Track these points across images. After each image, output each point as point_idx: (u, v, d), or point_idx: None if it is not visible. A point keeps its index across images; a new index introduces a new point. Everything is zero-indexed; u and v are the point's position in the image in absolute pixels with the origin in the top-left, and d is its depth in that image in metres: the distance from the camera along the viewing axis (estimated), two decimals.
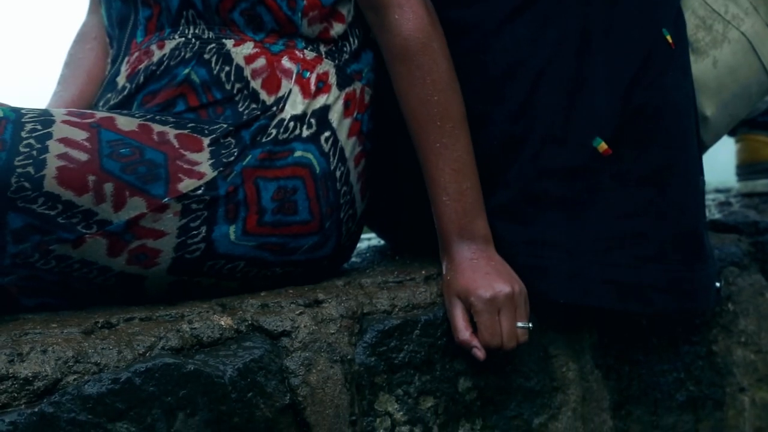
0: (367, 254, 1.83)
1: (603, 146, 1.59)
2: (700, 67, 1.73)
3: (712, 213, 2.16)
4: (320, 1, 1.53)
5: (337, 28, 1.56)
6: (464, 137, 1.53)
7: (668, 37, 1.64)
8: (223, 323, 1.38)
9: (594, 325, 1.69)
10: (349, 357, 1.44)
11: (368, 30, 1.60)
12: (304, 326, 1.42)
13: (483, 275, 1.49)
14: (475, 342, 1.48)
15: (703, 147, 1.79)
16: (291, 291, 1.50)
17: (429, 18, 1.53)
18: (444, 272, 1.53)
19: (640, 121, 1.61)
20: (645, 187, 1.61)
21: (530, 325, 1.51)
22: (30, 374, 1.23)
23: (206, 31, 1.53)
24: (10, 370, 1.22)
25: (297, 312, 1.43)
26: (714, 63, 1.74)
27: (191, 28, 1.53)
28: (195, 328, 1.36)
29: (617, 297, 1.59)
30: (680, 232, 1.62)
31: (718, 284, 1.69)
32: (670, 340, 1.77)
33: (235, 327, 1.39)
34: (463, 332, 1.48)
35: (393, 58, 1.53)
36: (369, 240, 2.00)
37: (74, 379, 1.25)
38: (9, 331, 1.31)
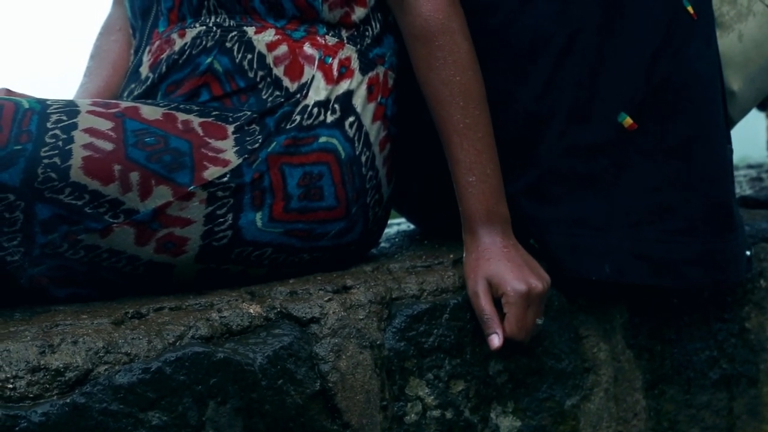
0: (396, 239, 1.83)
1: (628, 121, 1.58)
2: (725, 42, 1.72)
3: (743, 189, 2.15)
4: None
5: (359, 13, 1.55)
6: (486, 118, 1.52)
7: (689, 8, 1.62)
8: (252, 311, 1.39)
9: (624, 305, 1.69)
10: (378, 342, 1.44)
11: (390, 14, 1.59)
12: (333, 312, 1.42)
13: (517, 266, 1.49)
14: (499, 329, 1.47)
15: (731, 122, 1.78)
16: (319, 277, 1.50)
17: (445, 22, 1.52)
18: (468, 253, 1.53)
19: (664, 93, 1.60)
20: (672, 159, 1.60)
21: (542, 321, 1.52)
22: (61, 365, 1.24)
23: (227, 20, 1.53)
24: (42, 362, 1.23)
25: (326, 298, 1.43)
26: (739, 37, 1.72)
27: (212, 17, 1.53)
28: (224, 317, 1.36)
29: (649, 272, 1.58)
30: (710, 204, 1.61)
31: (748, 252, 1.68)
32: (702, 318, 1.76)
33: (264, 315, 1.39)
34: (492, 315, 1.48)
35: (413, 39, 1.53)
36: (398, 225, 1.99)
37: (105, 370, 1.25)
38: (40, 323, 1.32)
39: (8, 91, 1.55)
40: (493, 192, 1.52)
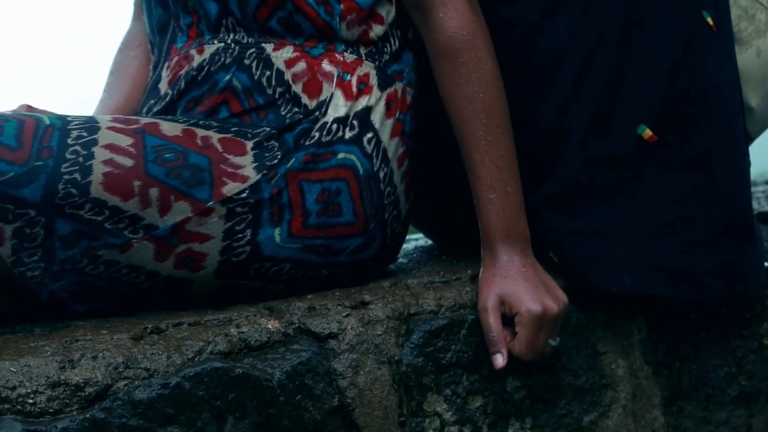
0: (414, 255, 1.83)
1: (648, 133, 1.59)
2: (744, 58, 1.72)
3: (762, 204, 2.14)
4: (357, 4, 1.53)
5: (377, 30, 1.56)
6: (508, 135, 1.52)
7: (709, 20, 1.63)
8: (270, 326, 1.39)
9: (642, 321, 1.68)
10: (396, 358, 1.44)
11: (408, 31, 1.60)
12: (351, 328, 1.42)
13: (533, 287, 1.49)
14: (504, 348, 1.47)
15: (749, 138, 1.78)
16: (337, 293, 1.51)
17: (474, 15, 1.52)
18: (485, 269, 1.52)
19: (683, 105, 1.60)
20: (692, 171, 1.60)
21: (557, 342, 1.51)
22: (81, 380, 1.24)
23: (246, 37, 1.53)
24: (62, 377, 1.23)
25: (344, 314, 1.43)
26: (758, 53, 1.72)
27: (231, 34, 1.54)
28: (243, 332, 1.37)
29: (669, 283, 1.58)
30: (729, 215, 1.61)
31: (766, 264, 1.67)
32: (721, 334, 1.75)
33: (283, 330, 1.39)
34: (498, 333, 1.47)
35: (438, 55, 1.53)
36: (416, 240, 1.99)
37: (125, 385, 1.26)
38: (60, 338, 1.32)
39: (29, 108, 1.57)
40: (513, 209, 1.51)
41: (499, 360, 1.47)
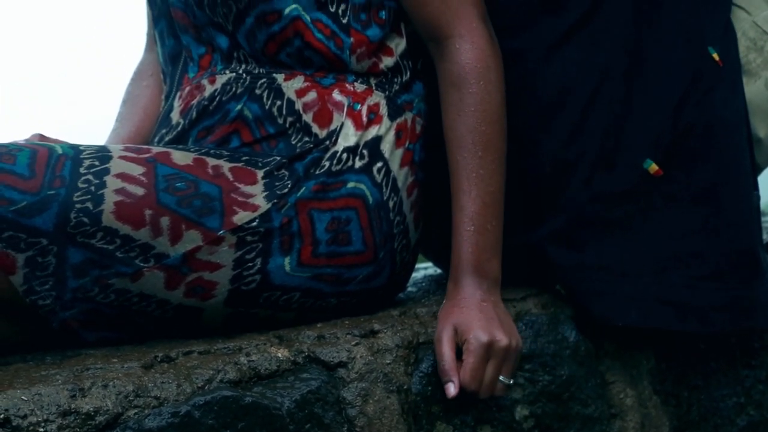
0: (423, 283, 1.84)
1: (654, 167, 1.59)
2: (752, 89, 1.73)
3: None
4: (367, 37, 1.54)
5: (387, 62, 1.57)
6: (501, 174, 1.52)
7: (714, 55, 1.64)
8: (280, 355, 1.39)
9: (651, 351, 1.68)
10: (405, 387, 1.45)
11: (418, 62, 1.61)
12: (360, 357, 1.43)
13: (487, 319, 1.47)
14: (456, 377, 1.44)
15: (758, 169, 1.78)
16: (347, 322, 1.51)
17: (491, 50, 1.53)
18: (447, 300, 1.51)
19: (690, 140, 1.61)
20: (698, 205, 1.60)
21: (511, 382, 1.48)
22: (92, 409, 1.25)
23: (257, 67, 1.55)
24: (73, 405, 1.24)
25: (353, 343, 1.44)
26: (766, 84, 1.73)
27: (242, 65, 1.55)
28: (252, 361, 1.37)
29: (676, 317, 1.58)
30: (736, 250, 1.61)
31: None
32: (729, 364, 1.75)
33: (292, 359, 1.40)
34: (449, 361, 1.44)
35: (448, 84, 1.54)
36: (425, 269, 2.00)
37: (135, 414, 1.26)
38: (71, 367, 1.33)
39: (42, 137, 1.58)
40: (488, 247, 1.50)
41: (451, 389, 1.44)
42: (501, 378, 1.46)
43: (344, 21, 1.53)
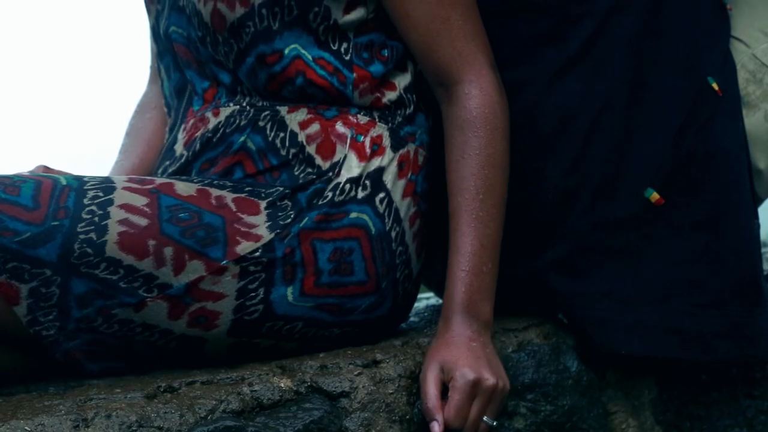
0: (425, 314, 1.84)
1: (655, 196, 1.60)
2: (752, 121, 1.74)
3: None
4: (370, 73, 1.55)
5: (390, 96, 1.57)
6: (500, 219, 1.52)
7: (714, 85, 1.65)
8: (282, 385, 1.40)
9: (653, 381, 1.68)
10: (407, 417, 1.45)
11: (421, 95, 1.61)
12: (363, 387, 1.43)
13: (475, 358, 1.45)
14: (440, 416, 1.43)
15: (758, 200, 1.79)
16: (349, 351, 1.51)
17: (498, 97, 1.54)
18: (435, 338, 1.51)
19: (690, 168, 1.62)
20: (699, 233, 1.61)
21: (495, 423, 1.46)
22: None
23: (260, 100, 1.56)
24: None
25: (355, 372, 1.44)
26: (765, 116, 1.74)
27: (246, 98, 1.56)
28: (255, 391, 1.38)
29: (678, 345, 1.59)
30: (738, 278, 1.62)
31: None
32: (731, 394, 1.75)
33: (295, 388, 1.40)
34: (434, 400, 1.43)
35: (454, 128, 1.54)
36: (428, 299, 2.00)
37: None
38: (74, 397, 1.33)
39: (46, 168, 1.59)
40: (482, 289, 1.50)
41: (435, 428, 1.42)
42: (485, 418, 1.45)
43: (346, 58, 1.54)
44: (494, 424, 1.46)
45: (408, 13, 1.52)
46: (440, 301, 1.92)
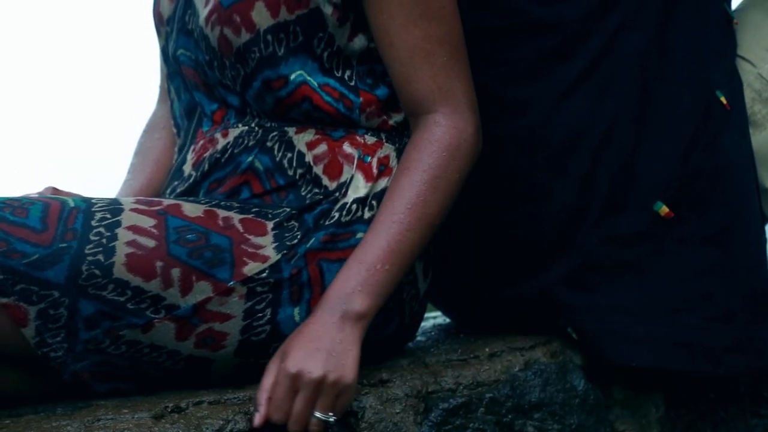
0: (432, 333, 1.84)
1: (664, 210, 1.61)
2: (758, 140, 1.74)
3: None
4: (376, 96, 1.56)
5: (396, 118, 1.58)
6: (420, 233, 1.48)
7: (722, 99, 1.66)
8: None
9: (661, 399, 1.68)
10: None
11: None
12: (370, 406, 1.43)
13: (312, 349, 1.40)
14: (263, 407, 1.39)
15: (765, 218, 1.79)
16: None
17: (467, 135, 1.51)
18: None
19: (699, 182, 1.62)
20: (709, 247, 1.61)
21: (332, 419, 1.40)
22: None
23: (269, 121, 1.56)
24: None
25: (362, 392, 1.44)
26: None
27: (255, 119, 1.57)
28: None
29: (688, 358, 1.59)
30: (747, 291, 1.63)
31: None
32: (739, 412, 1.75)
33: None
34: (263, 392, 1.40)
35: (412, 147, 1.52)
36: (434, 318, 2.01)
37: None
38: (82, 418, 1.34)
39: (54, 190, 1.60)
40: (368, 282, 1.44)
41: (255, 417, 1.39)
42: (318, 414, 1.40)
43: (351, 84, 1.55)
44: (331, 420, 1.41)
45: (392, 43, 1.52)
46: (447, 320, 1.93)
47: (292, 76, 1.53)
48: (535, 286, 1.63)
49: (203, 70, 1.57)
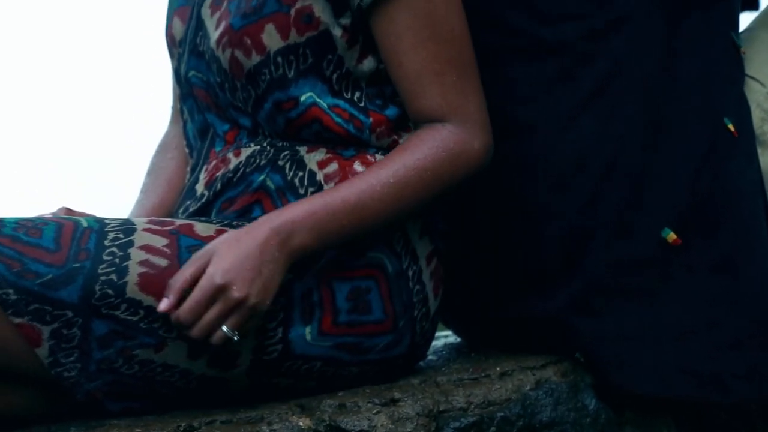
0: (443, 351, 1.84)
1: (672, 236, 1.61)
2: (766, 160, 1.74)
3: None
4: (386, 116, 1.57)
5: (406, 137, 1.58)
6: (385, 215, 1.49)
7: (730, 126, 1.66)
8: (302, 424, 1.40)
9: (671, 419, 1.68)
10: None
11: None
12: (381, 425, 1.43)
13: (243, 267, 1.41)
14: (174, 296, 1.40)
15: None
16: (368, 390, 1.52)
17: (471, 146, 1.52)
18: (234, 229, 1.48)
19: (707, 209, 1.62)
20: (717, 274, 1.61)
21: (236, 337, 1.42)
22: None
23: (281, 141, 1.57)
24: None
25: (374, 411, 1.45)
26: None
27: (267, 138, 1.58)
28: (275, 430, 1.38)
29: (696, 386, 1.59)
30: (755, 319, 1.62)
31: None
32: None
33: (314, 427, 1.41)
34: (178, 281, 1.41)
35: (417, 133, 1.53)
36: (446, 337, 2.01)
37: None
38: None
39: (68, 210, 1.61)
40: (316, 224, 1.45)
41: (162, 303, 1.40)
42: (225, 328, 1.41)
43: (361, 105, 1.56)
44: (235, 338, 1.42)
45: (401, 63, 1.53)
46: (458, 339, 1.93)
47: (303, 98, 1.54)
48: (542, 309, 1.63)
49: (215, 92, 1.58)
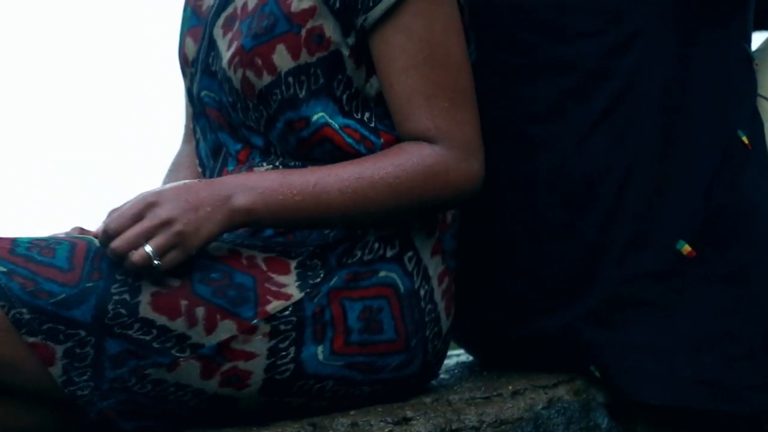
0: (455, 370, 1.84)
1: (687, 248, 1.61)
2: None
3: None
4: (395, 136, 1.57)
5: None
6: (343, 210, 1.49)
7: (744, 138, 1.66)
8: None
9: None
10: None
11: None
12: None
13: (184, 199, 1.44)
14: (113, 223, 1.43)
15: None
16: (380, 409, 1.52)
17: (453, 170, 1.52)
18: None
19: (721, 221, 1.63)
20: (731, 286, 1.62)
21: (157, 261, 1.42)
22: None
23: (292, 160, 1.58)
24: None
25: (386, 430, 1.45)
26: None
27: (280, 158, 1.59)
28: None
29: (709, 397, 1.59)
30: None
31: None
32: None
33: None
34: (122, 210, 1.44)
35: (400, 144, 1.53)
36: (458, 356, 2.01)
37: None
38: None
39: (81, 230, 1.61)
40: (270, 196, 1.47)
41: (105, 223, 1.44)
42: (147, 248, 1.42)
43: (371, 125, 1.56)
44: (156, 262, 1.42)
45: (392, 85, 1.52)
46: (470, 358, 1.93)
47: (314, 118, 1.55)
48: (556, 324, 1.63)
49: (227, 112, 1.59)
